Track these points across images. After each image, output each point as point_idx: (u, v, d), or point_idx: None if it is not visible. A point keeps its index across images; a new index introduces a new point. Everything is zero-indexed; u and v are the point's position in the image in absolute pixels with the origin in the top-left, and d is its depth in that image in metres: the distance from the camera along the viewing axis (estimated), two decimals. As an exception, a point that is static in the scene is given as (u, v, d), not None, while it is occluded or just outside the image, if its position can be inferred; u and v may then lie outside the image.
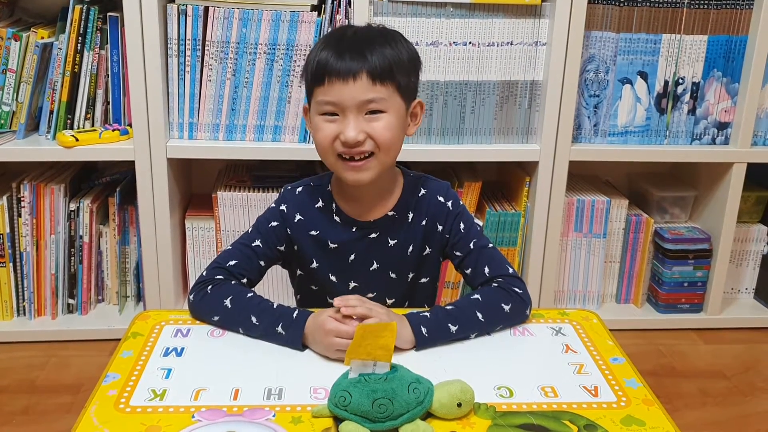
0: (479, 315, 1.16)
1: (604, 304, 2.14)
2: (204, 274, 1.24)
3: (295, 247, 1.30)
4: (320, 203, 1.28)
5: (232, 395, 1.00)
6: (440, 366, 1.07)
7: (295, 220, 1.28)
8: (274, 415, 0.95)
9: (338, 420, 0.93)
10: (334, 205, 1.27)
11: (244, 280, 1.25)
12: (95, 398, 0.99)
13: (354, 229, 1.27)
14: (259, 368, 1.07)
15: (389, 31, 1.21)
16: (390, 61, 1.14)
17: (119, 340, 1.15)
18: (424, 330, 1.12)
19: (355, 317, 1.08)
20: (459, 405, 0.94)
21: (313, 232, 1.28)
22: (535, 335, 1.19)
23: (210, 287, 1.20)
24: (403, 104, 1.19)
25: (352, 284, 1.30)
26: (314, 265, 1.29)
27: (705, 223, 2.12)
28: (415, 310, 1.17)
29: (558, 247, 2.00)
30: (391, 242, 1.28)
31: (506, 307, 1.19)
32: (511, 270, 1.25)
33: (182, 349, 1.12)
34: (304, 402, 0.98)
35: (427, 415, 0.95)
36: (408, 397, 0.93)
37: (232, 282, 1.22)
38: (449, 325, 1.14)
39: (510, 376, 1.06)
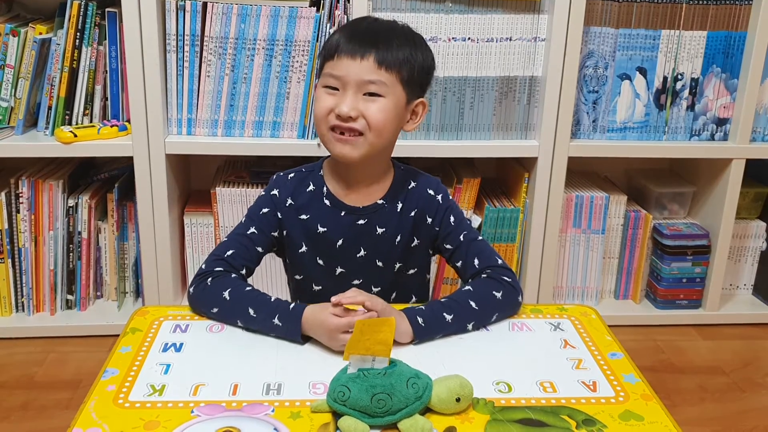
0: (472, 303, 1.18)
1: (603, 300, 2.14)
2: (203, 266, 1.26)
3: (285, 232, 1.31)
4: (311, 187, 1.30)
5: (231, 390, 1.00)
6: (439, 361, 1.07)
7: (286, 205, 1.30)
8: (273, 411, 0.95)
9: (337, 415, 0.93)
10: (324, 188, 1.29)
11: (243, 271, 1.27)
12: (94, 394, 0.99)
13: (343, 214, 1.28)
14: (258, 363, 1.07)
15: (412, 32, 1.25)
16: (401, 56, 1.19)
17: (118, 335, 1.15)
18: (420, 320, 1.13)
19: (356, 308, 1.10)
20: (458, 400, 0.94)
21: (303, 216, 1.29)
22: (534, 330, 1.19)
23: (210, 279, 1.22)
24: (404, 96, 1.21)
25: (339, 270, 1.32)
26: (303, 249, 1.31)
27: (704, 219, 2.12)
28: (410, 305, 1.18)
29: (557, 242, 2.00)
30: (379, 230, 1.29)
31: (498, 295, 1.21)
32: (500, 261, 1.28)
33: (181, 344, 1.12)
34: (303, 397, 0.98)
35: (426, 410, 0.95)
36: (407, 392, 0.93)
37: (232, 275, 1.24)
38: (444, 314, 1.15)
39: (508, 371, 1.06)
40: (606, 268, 2.11)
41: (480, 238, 1.32)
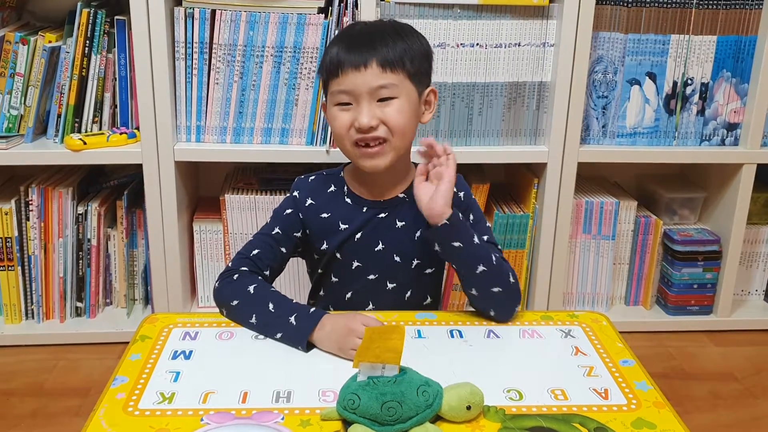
0: (493, 259, 1.21)
1: (614, 306, 2.13)
2: (230, 264, 1.29)
3: (307, 231, 1.33)
4: (332, 188, 1.33)
5: (241, 398, 1.00)
6: (449, 369, 1.07)
7: (307, 204, 1.32)
8: (282, 418, 0.95)
9: (347, 423, 0.93)
10: (345, 188, 1.32)
11: (267, 272, 1.29)
12: (104, 401, 0.99)
13: (364, 209, 1.30)
14: (267, 371, 1.07)
15: (399, 24, 1.26)
16: (400, 50, 1.20)
17: (127, 343, 1.15)
18: (460, 216, 1.18)
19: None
20: (468, 408, 0.94)
21: (324, 215, 1.31)
22: (545, 337, 1.18)
23: (236, 276, 1.25)
24: (415, 91, 1.23)
25: (356, 264, 1.32)
26: (324, 246, 1.32)
27: (714, 225, 2.11)
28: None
29: (567, 249, 1.99)
30: (399, 224, 1.30)
31: (510, 280, 1.22)
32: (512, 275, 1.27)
33: (191, 352, 1.12)
34: (313, 405, 0.98)
35: (437, 418, 0.95)
36: (417, 400, 0.92)
37: (258, 276, 1.26)
38: (474, 235, 1.19)
39: (519, 378, 1.06)
40: (616, 274, 2.10)
41: (498, 246, 1.31)
